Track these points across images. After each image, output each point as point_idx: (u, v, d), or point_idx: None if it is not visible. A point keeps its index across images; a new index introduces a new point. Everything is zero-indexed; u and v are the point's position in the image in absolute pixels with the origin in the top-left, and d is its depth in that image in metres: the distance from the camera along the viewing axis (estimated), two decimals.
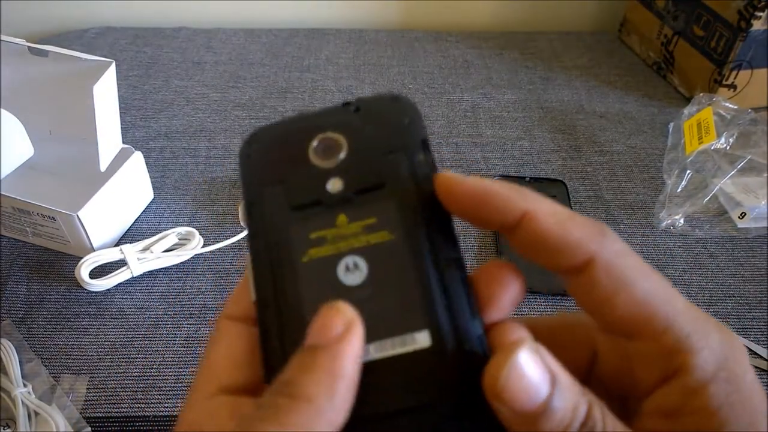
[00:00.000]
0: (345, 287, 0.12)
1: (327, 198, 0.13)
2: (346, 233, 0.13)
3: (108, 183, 0.34)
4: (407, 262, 0.13)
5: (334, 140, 0.14)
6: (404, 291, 0.12)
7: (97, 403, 0.29)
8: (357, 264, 0.13)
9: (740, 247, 0.39)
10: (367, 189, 0.13)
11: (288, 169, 0.14)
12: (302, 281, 0.13)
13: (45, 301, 0.33)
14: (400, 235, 0.13)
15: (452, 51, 0.57)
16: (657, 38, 0.55)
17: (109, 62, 0.33)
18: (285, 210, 0.13)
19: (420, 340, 0.12)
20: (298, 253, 0.13)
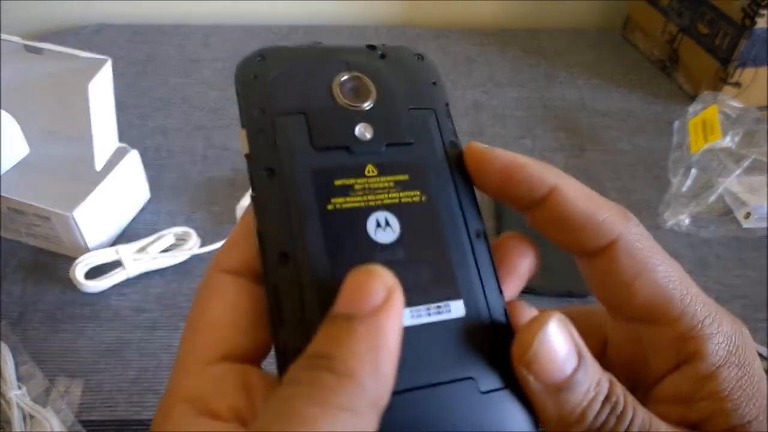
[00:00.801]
0: (377, 245, 0.11)
1: (355, 144, 0.12)
2: (376, 186, 0.12)
3: (103, 182, 0.34)
4: (441, 227, 0.12)
5: (363, 83, 0.13)
6: (439, 257, 0.12)
7: (92, 406, 0.28)
8: (389, 221, 0.12)
9: (746, 247, 0.38)
10: (397, 143, 0.13)
11: (309, 102, 0.12)
12: (328, 232, 0.11)
13: (40, 303, 0.33)
14: (432, 198, 0.12)
15: (454, 48, 0.57)
16: (661, 36, 0.54)
17: (105, 60, 0.32)
18: (306, 148, 0.12)
19: (455, 310, 0.11)
20: (322, 200, 0.11)
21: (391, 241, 0.12)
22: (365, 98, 0.13)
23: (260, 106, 0.12)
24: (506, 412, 0.11)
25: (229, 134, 0.45)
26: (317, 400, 0.09)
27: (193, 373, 0.11)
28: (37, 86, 0.35)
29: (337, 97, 0.13)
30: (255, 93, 0.12)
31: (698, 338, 0.12)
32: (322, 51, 0.13)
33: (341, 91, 0.13)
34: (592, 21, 0.63)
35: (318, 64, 0.13)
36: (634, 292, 0.12)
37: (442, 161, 0.13)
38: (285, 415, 0.09)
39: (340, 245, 0.11)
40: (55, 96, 0.35)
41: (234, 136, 0.45)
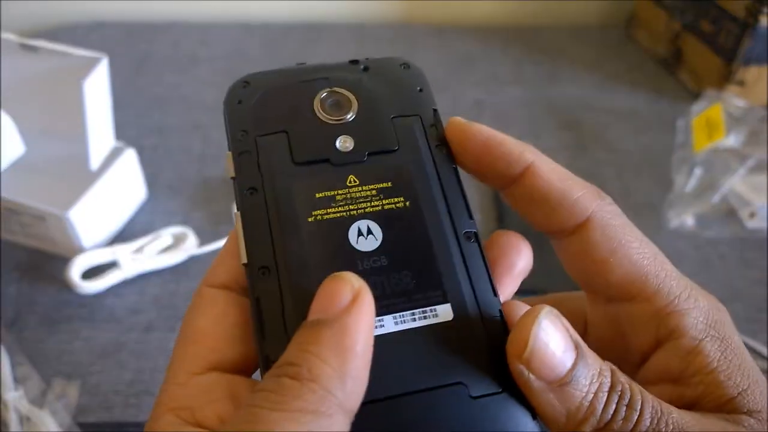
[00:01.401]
0: (359, 253, 0.12)
1: (336, 156, 0.12)
2: (357, 196, 0.12)
3: (99, 181, 0.34)
4: (426, 231, 0.12)
5: (343, 97, 0.13)
6: (424, 261, 0.12)
7: (89, 408, 0.28)
8: (371, 229, 0.12)
9: (750, 247, 0.38)
10: (380, 151, 0.13)
11: (290, 120, 0.13)
12: (308, 244, 0.11)
13: (35, 304, 0.33)
14: (416, 203, 0.12)
15: (455, 46, 0.56)
16: (665, 33, 0.53)
17: (101, 58, 0.32)
18: (287, 164, 0.12)
19: (442, 314, 0.11)
20: (303, 213, 0.12)
21: (373, 249, 0.12)
22: (346, 111, 0.13)
23: (243, 128, 0.13)
24: (502, 415, 0.11)
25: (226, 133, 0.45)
26: (279, 405, 0.09)
27: (182, 382, 0.11)
28: (32, 84, 0.35)
29: (318, 113, 0.13)
30: (239, 117, 0.13)
31: (676, 313, 0.12)
32: (304, 71, 0.14)
33: (322, 106, 0.13)
34: (595, 18, 0.63)
35: (300, 83, 0.13)
36: (610, 268, 0.12)
37: (428, 166, 0.13)
38: (248, 421, 0.09)
39: (321, 256, 0.11)
40: (50, 94, 0.35)
41: None
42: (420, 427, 0.10)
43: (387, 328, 0.11)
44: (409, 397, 0.10)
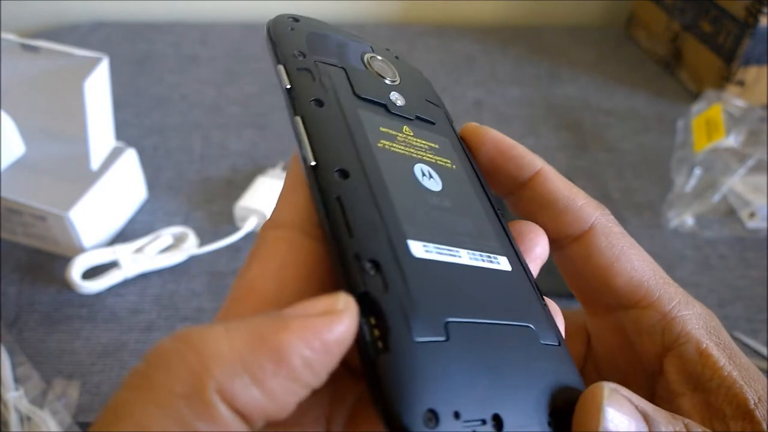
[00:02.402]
0: (425, 189, 0.12)
1: (392, 106, 0.13)
2: (415, 144, 0.13)
3: (100, 181, 0.33)
4: (475, 193, 0.13)
5: (388, 65, 0.14)
6: (479, 216, 0.12)
7: (89, 408, 0.28)
8: (431, 173, 0.12)
9: (750, 247, 0.38)
10: (424, 119, 0.14)
11: (344, 61, 0.13)
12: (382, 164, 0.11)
13: (36, 303, 0.33)
14: (462, 168, 0.13)
15: (455, 46, 0.56)
16: (664, 34, 0.53)
17: (101, 58, 0.32)
18: (350, 94, 0.12)
19: (503, 264, 0.12)
20: (372, 137, 0.12)
21: (437, 190, 0.12)
22: (392, 76, 0.14)
23: (300, 50, 0.13)
24: (561, 366, 0.11)
25: (227, 133, 0.45)
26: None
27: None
28: (33, 84, 0.35)
29: (368, 67, 0.14)
30: (294, 40, 0.13)
31: (679, 318, 0.12)
32: (347, 33, 0.14)
33: (371, 64, 0.14)
34: (595, 18, 0.63)
35: (347, 38, 0.14)
36: (615, 273, 0.12)
37: (459, 146, 0.14)
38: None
39: (394, 178, 0.11)
40: (51, 94, 0.35)
41: (232, 134, 0.45)
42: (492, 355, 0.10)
43: (463, 260, 0.11)
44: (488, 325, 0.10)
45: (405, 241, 0.10)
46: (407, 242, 0.10)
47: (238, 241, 0.35)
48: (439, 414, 0.09)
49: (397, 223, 0.10)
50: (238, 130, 0.45)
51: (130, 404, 0.08)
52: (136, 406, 0.08)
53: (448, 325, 0.10)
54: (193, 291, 0.34)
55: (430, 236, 0.11)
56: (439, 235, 0.11)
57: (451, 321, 0.10)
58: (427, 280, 0.10)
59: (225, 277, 0.34)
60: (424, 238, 0.11)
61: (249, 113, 0.47)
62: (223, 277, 0.34)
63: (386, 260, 0.10)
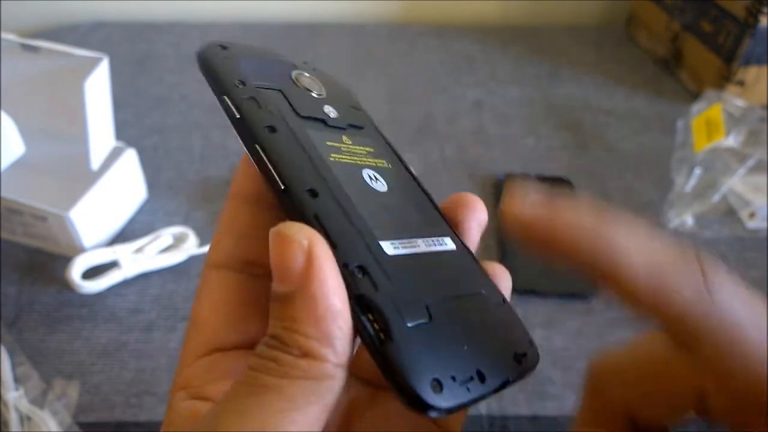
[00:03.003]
0: (376, 191, 0.13)
1: (328, 119, 0.14)
2: (355, 151, 0.14)
3: (100, 181, 0.34)
4: (410, 186, 0.14)
5: (313, 79, 0.15)
6: (420, 206, 0.14)
7: (89, 408, 0.28)
8: (376, 176, 0.14)
9: (750, 247, 0.38)
10: (355, 126, 0.15)
11: (280, 83, 0.14)
12: (339, 177, 0.12)
13: (36, 303, 0.33)
14: (395, 165, 0.15)
15: (455, 46, 0.56)
16: (664, 34, 0.53)
17: (101, 58, 0.32)
18: (293, 115, 0.13)
19: (449, 244, 0.13)
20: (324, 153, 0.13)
21: (385, 191, 0.13)
22: (319, 90, 0.15)
23: (240, 79, 0.13)
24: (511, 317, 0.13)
25: (227, 133, 0.45)
26: (282, 372, 0.10)
27: (189, 364, 0.12)
28: (33, 84, 0.35)
29: (298, 84, 0.15)
30: (231, 69, 0.13)
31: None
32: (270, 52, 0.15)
33: (300, 81, 0.15)
34: (595, 18, 0.63)
35: (273, 59, 0.15)
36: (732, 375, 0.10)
37: (386, 145, 0.15)
38: (252, 384, 0.10)
39: (352, 187, 0.13)
40: (51, 94, 0.35)
41: (232, 135, 0.45)
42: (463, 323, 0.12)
43: (421, 248, 0.13)
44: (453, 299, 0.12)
45: (377, 242, 0.12)
46: (380, 243, 0.12)
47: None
48: (442, 381, 0.10)
49: (367, 228, 0.12)
50: None
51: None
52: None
53: (429, 307, 0.11)
54: (193, 291, 0.33)
55: (394, 234, 0.12)
56: (399, 232, 0.13)
57: (430, 303, 0.11)
58: (403, 272, 0.12)
59: None
60: (389, 237, 0.12)
61: None
62: None
63: (369, 263, 0.11)
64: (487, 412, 0.28)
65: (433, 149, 0.44)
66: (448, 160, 0.43)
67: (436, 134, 0.45)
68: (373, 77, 0.52)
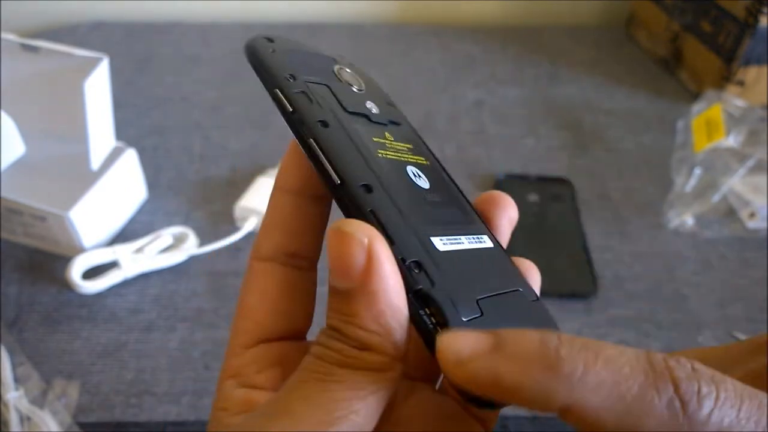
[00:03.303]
0: (420, 188, 0.13)
1: (371, 115, 0.14)
2: (398, 147, 0.14)
3: (100, 182, 0.34)
4: (450, 183, 0.15)
5: (353, 75, 0.15)
6: (460, 204, 0.14)
7: (89, 408, 0.28)
8: (419, 173, 0.14)
9: (750, 247, 0.38)
10: (393, 122, 0.15)
11: (326, 78, 0.14)
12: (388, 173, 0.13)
13: (36, 303, 0.33)
14: (434, 163, 0.15)
15: (455, 46, 0.56)
16: (664, 34, 0.53)
17: (101, 58, 0.32)
18: (341, 110, 0.13)
19: (486, 242, 0.14)
20: (372, 148, 0.13)
21: (428, 187, 0.14)
22: (359, 86, 0.15)
23: (290, 72, 0.13)
24: (545, 314, 0.13)
25: (227, 133, 0.45)
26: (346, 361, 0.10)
27: (237, 354, 0.13)
28: (33, 85, 0.35)
29: (341, 79, 0.15)
30: (281, 63, 0.14)
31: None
32: (310, 48, 0.15)
33: (341, 76, 0.15)
34: (595, 18, 0.63)
35: (315, 53, 0.15)
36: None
37: (420, 139, 0.15)
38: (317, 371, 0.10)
39: (400, 183, 0.13)
40: (51, 95, 0.35)
41: (233, 135, 0.45)
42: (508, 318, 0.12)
43: (465, 245, 0.13)
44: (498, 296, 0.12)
45: (429, 239, 0.12)
46: (431, 239, 0.12)
47: (238, 241, 0.35)
48: None
49: (419, 224, 0.12)
50: (238, 130, 0.45)
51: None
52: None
53: (479, 302, 0.12)
54: (193, 291, 0.34)
55: (441, 230, 0.13)
56: (446, 228, 0.13)
57: (479, 299, 0.12)
58: (454, 268, 0.12)
59: (225, 277, 0.34)
60: (439, 233, 0.12)
61: (249, 113, 0.47)
62: (223, 277, 0.34)
63: (425, 259, 0.11)
64: None
65: (433, 149, 0.44)
66: (448, 160, 0.43)
67: (436, 134, 0.45)
68: (373, 77, 0.52)
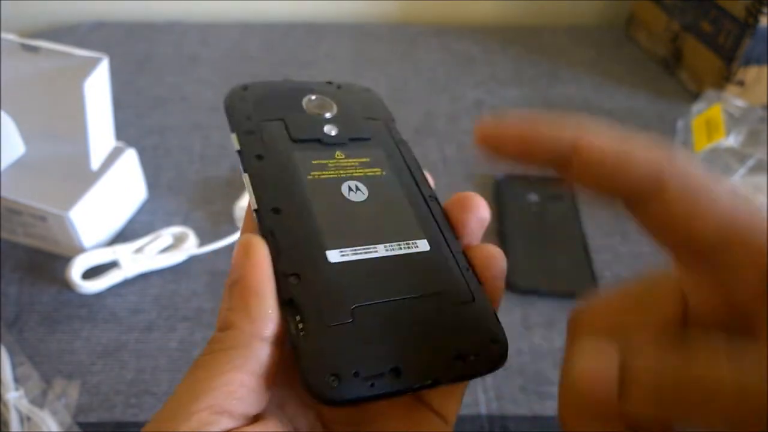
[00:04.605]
0: (350, 202, 0.15)
1: (326, 138, 0.16)
2: (345, 165, 0.15)
3: (100, 181, 0.34)
4: (400, 191, 0.15)
5: (326, 100, 0.17)
6: (402, 210, 0.15)
7: (89, 408, 0.28)
8: (358, 187, 0.15)
9: None
10: (358, 138, 0.16)
11: (286, 112, 0.16)
12: (310, 193, 0.14)
13: (36, 303, 0.33)
14: (390, 172, 0.16)
15: (455, 46, 0.56)
16: (664, 34, 0.53)
17: (101, 58, 0.32)
18: (286, 141, 0.15)
19: (421, 246, 0.14)
20: (303, 172, 0.15)
21: (362, 200, 0.15)
22: (328, 110, 0.17)
23: (247, 116, 0.16)
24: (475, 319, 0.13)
25: (227, 133, 0.45)
26: (208, 350, 0.12)
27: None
28: (33, 85, 0.35)
29: (307, 109, 0.16)
30: (242, 107, 0.16)
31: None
32: (291, 83, 0.17)
33: (309, 105, 0.17)
34: (595, 18, 0.63)
35: (290, 90, 0.17)
36: (698, 223, 0.11)
37: (394, 151, 0.17)
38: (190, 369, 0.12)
39: (321, 202, 0.14)
40: (51, 95, 0.35)
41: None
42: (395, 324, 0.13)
43: (379, 253, 0.14)
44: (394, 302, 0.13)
45: (324, 252, 0.13)
46: (326, 252, 0.13)
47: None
48: (341, 375, 0.12)
49: (317, 239, 0.14)
50: None
51: None
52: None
53: (355, 309, 0.13)
54: (193, 291, 0.34)
55: (348, 242, 0.14)
56: (357, 239, 0.14)
57: (358, 306, 0.13)
58: (340, 278, 0.13)
59: (225, 277, 0.34)
60: (341, 246, 0.14)
61: None
62: (223, 277, 0.34)
63: (305, 271, 0.13)
64: (486, 412, 0.28)
65: (433, 149, 0.44)
66: (448, 160, 0.43)
67: (436, 134, 0.45)
68: (373, 77, 0.52)
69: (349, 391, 0.11)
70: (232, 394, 0.11)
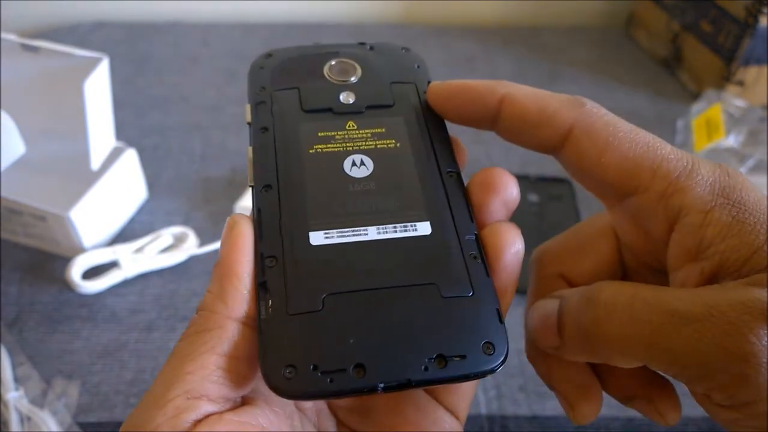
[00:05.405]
0: (350, 177, 0.14)
1: (338, 106, 0.15)
2: (354, 136, 0.14)
3: (100, 182, 0.34)
4: (411, 165, 0.14)
5: (349, 64, 0.16)
6: (408, 188, 0.14)
7: (89, 408, 0.28)
8: (363, 161, 0.14)
9: None
10: (377, 106, 0.15)
11: (302, 81, 0.15)
12: (308, 169, 0.14)
13: (36, 303, 0.33)
14: (405, 145, 0.15)
15: (455, 46, 0.56)
16: (665, 34, 0.53)
17: (102, 58, 0.32)
18: (296, 111, 0.15)
19: (421, 229, 0.13)
20: (305, 146, 0.14)
21: (364, 176, 0.14)
22: (350, 75, 0.16)
23: (262, 85, 0.15)
24: (471, 315, 0.12)
25: (227, 133, 0.45)
26: (184, 336, 0.12)
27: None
28: (33, 85, 0.35)
29: (327, 76, 0.16)
30: (259, 77, 0.15)
31: (678, 192, 0.12)
32: (319, 47, 0.16)
33: (330, 71, 0.16)
34: (595, 18, 0.63)
35: (314, 55, 0.16)
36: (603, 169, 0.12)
37: (419, 119, 0.15)
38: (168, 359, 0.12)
39: (317, 178, 0.14)
40: (51, 95, 0.35)
41: (232, 135, 0.45)
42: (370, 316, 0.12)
43: (370, 236, 0.13)
44: (373, 291, 0.12)
45: (307, 233, 0.13)
46: (308, 234, 0.13)
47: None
48: (297, 368, 0.11)
49: (302, 219, 0.13)
50: (238, 130, 0.45)
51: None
52: None
53: (327, 297, 0.12)
54: (193, 291, 0.34)
55: (336, 223, 0.13)
56: (347, 220, 0.13)
57: (331, 294, 0.12)
58: (318, 263, 0.12)
59: None
60: (327, 227, 0.13)
61: None
62: None
63: (284, 254, 0.12)
64: (486, 412, 0.28)
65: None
66: None
67: None
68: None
69: (305, 385, 0.11)
70: (207, 377, 0.11)
